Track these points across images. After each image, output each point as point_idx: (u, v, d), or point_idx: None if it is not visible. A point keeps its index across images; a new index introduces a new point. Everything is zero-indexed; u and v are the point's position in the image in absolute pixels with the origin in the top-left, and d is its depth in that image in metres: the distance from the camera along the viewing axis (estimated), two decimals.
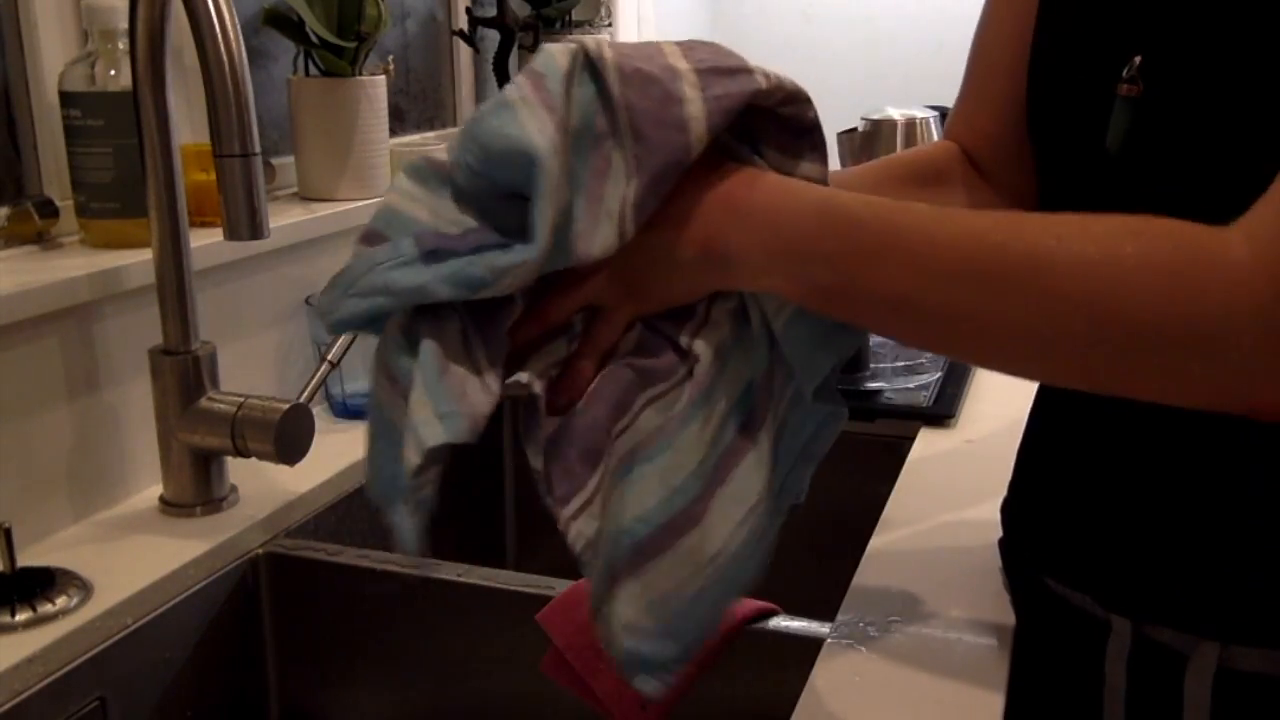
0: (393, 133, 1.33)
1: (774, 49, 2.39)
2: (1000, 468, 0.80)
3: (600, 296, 0.58)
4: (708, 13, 2.45)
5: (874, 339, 1.25)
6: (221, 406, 0.92)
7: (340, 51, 1.23)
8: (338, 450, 1.06)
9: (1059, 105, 0.67)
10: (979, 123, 0.78)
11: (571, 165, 0.54)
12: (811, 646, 0.73)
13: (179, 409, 0.92)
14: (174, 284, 0.91)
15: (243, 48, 0.79)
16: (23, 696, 0.73)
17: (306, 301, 1.14)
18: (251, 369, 1.11)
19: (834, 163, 1.05)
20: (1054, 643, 0.73)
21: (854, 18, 2.35)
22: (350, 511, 1.04)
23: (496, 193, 0.55)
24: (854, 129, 1.72)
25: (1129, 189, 0.61)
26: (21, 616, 0.77)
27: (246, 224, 0.81)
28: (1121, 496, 0.67)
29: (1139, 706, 0.67)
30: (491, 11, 1.62)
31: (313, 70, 1.25)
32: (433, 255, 0.54)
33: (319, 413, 1.13)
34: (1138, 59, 0.59)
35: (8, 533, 0.79)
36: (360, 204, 1.24)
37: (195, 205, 1.00)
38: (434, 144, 1.47)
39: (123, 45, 0.96)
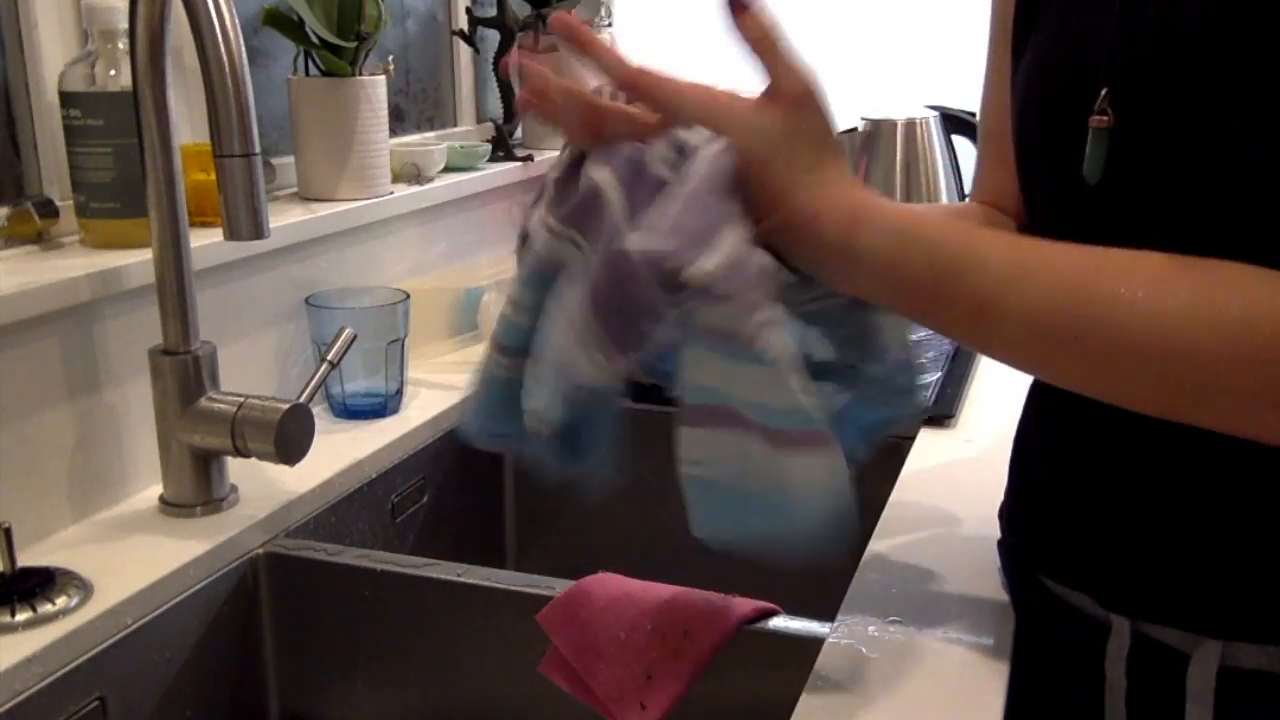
0: (393, 133, 1.33)
1: None
2: (1000, 468, 0.80)
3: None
4: (708, 13, 2.44)
5: None
6: (221, 406, 0.92)
7: (340, 51, 1.23)
8: (338, 450, 1.06)
9: (1037, 139, 0.68)
10: (1004, 184, 0.78)
11: None
12: (811, 646, 0.73)
13: (179, 409, 0.92)
14: (174, 284, 0.91)
15: (243, 48, 0.79)
16: (23, 696, 0.73)
17: (306, 301, 1.14)
18: (251, 369, 1.11)
19: None
20: (1054, 643, 0.73)
21: (853, 18, 2.34)
22: (350, 511, 1.04)
23: None
24: (854, 129, 1.72)
25: (1109, 220, 0.61)
26: (21, 616, 0.77)
27: (247, 224, 0.81)
28: (1117, 494, 0.67)
29: (1141, 706, 0.67)
30: (491, 11, 1.62)
31: (313, 70, 1.25)
32: None
33: (319, 413, 1.13)
34: (1104, 90, 0.60)
35: (8, 533, 0.79)
36: (360, 204, 1.24)
37: (195, 205, 1.00)
38: (433, 144, 1.47)
39: (123, 45, 0.96)
